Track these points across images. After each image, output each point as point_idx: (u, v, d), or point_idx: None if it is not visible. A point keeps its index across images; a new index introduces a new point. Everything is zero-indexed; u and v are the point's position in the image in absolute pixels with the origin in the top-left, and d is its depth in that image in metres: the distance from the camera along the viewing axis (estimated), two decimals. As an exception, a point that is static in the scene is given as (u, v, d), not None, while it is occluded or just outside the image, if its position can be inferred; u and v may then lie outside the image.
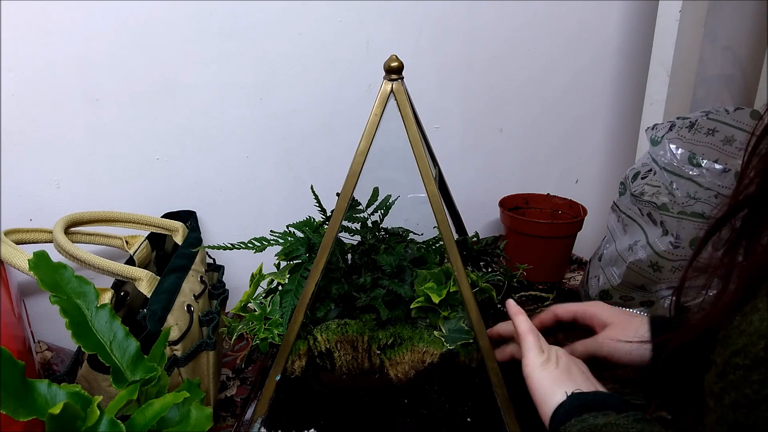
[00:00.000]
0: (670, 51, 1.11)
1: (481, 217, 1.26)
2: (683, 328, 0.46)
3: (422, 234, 0.81)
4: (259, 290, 0.72)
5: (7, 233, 0.77)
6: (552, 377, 0.54)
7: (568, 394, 0.51)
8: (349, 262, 0.75)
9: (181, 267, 0.77)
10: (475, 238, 0.84)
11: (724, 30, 1.19)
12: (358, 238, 0.77)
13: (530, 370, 0.55)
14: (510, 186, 1.25)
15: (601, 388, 0.53)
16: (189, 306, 0.72)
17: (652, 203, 0.86)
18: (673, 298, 0.53)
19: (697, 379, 0.37)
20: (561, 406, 0.50)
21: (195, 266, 0.80)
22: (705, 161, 0.82)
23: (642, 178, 0.90)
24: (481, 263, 0.83)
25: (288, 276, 0.69)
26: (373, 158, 0.61)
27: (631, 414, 0.47)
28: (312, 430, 0.65)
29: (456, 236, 0.81)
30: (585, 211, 1.14)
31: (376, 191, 0.76)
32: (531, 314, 0.63)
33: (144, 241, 0.86)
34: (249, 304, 0.70)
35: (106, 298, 0.66)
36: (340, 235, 0.70)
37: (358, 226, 0.76)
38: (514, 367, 0.59)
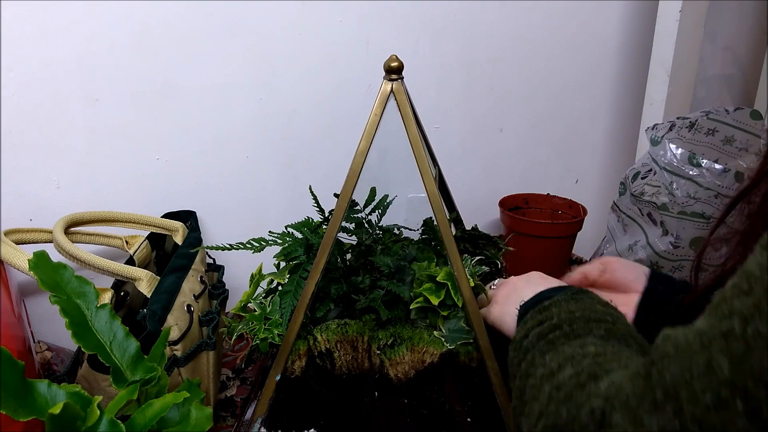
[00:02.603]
0: (670, 51, 1.11)
1: (481, 217, 1.26)
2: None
3: (417, 230, 0.81)
4: (259, 290, 0.72)
5: (7, 233, 0.77)
6: (499, 312, 0.58)
7: (517, 308, 0.54)
8: (348, 262, 0.75)
9: (181, 267, 0.77)
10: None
11: (724, 30, 1.19)
12: (355, 238, 0.77)
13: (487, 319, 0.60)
14: (510, 186, 1.25)
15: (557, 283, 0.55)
16: (189, 306, 0.72)
17: (652, 203, 0.86)
18: (694, 263, 0.53)
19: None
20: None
21: (195, 266, 0.80)
22: (705, 161, 0.82)
23: (642, 178, 0.90)
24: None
25: (287, 276, 0.69)
26: (373, 158, 0.61)
27: (565, 291, 0.51)
28: (312, 430, 0.65)
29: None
30: (585, 211, 1.14)
31: (373, 191, 0.76)
32: None
33: (144, 241, 0.86)
34: (249, 304, 0.70)
35: (106, 298, 0.66)
36: (338, 235, 0.70)
37: (354, 226, 0.76)
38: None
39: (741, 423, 0.25)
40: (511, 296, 0.57)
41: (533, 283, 0.56)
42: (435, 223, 0.61)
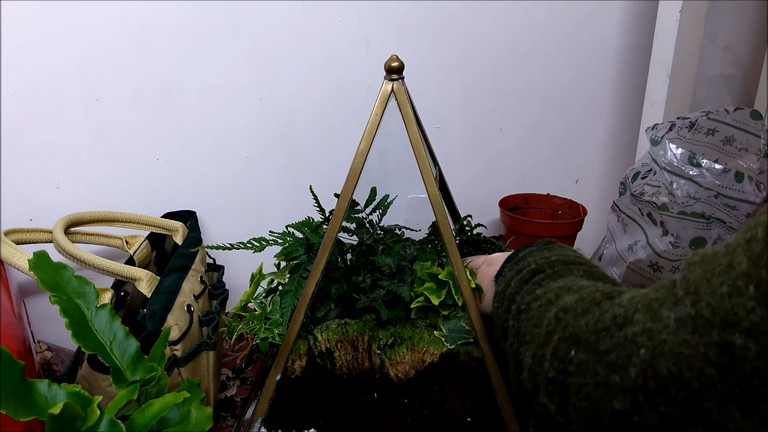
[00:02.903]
0: (670, 51, 1.11)
1: (481, 217, 1.25)
2: None
3: (419, 230, 0.81)
4: (260, 290, 0.72)
5: (7, 233, 0.77)
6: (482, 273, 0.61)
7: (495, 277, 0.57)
8: (348, 262, 0.75)
9: (181, 267, 0.77)
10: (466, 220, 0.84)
11: (724, 30, 1.19)
12: (356, 238, 0.76)
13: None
14: (510, 186, 1.25)
15: None
16: (189, 306, 0.72)
17: (652, 203, 0.86)
18: None
19: None
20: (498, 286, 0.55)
21: (195, 266, 0.80)
22: (705, 161, 0.82)
23: (642, 178, 0.90)
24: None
25: (288, 276, 0.69)
26: (374, 158, 0.61)
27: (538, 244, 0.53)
28: (312, 430, 0.65)
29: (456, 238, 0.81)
30: (585, 211, 1.14)
31: (373, 191, 0.76)
32: None
33: (144, 241, 0.86)
34: (249, 304, 0.70)
35: (106, 298, 0.66)
36: (338, 235, 0.70)
37: (354, 226, 0.76)
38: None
39: (750, 305, 0.28)
40: (485, 283, 0.61)
41: (495, 263, 0.59)
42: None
